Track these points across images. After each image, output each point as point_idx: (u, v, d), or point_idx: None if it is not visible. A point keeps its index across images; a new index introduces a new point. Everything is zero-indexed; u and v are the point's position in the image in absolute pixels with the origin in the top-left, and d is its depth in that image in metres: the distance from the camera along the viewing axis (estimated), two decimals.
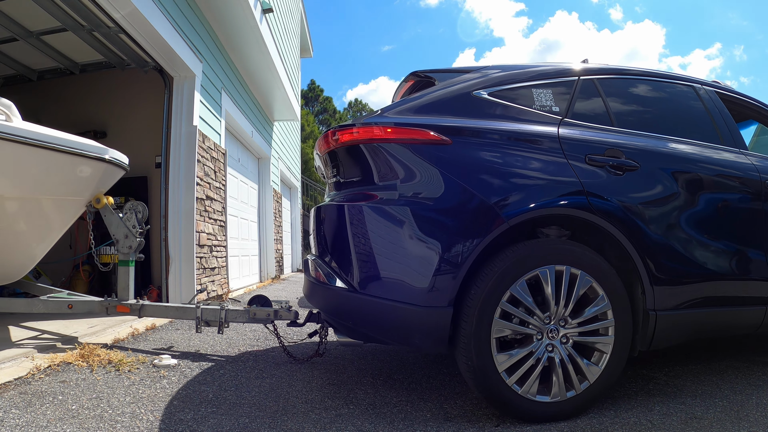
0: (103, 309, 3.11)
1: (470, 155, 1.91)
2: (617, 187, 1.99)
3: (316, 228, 2.26)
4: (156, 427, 1.80)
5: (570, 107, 2.17)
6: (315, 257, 2.29)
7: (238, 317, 2.96)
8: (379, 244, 1.87)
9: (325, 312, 2.19)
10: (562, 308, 1.89)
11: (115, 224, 3.20)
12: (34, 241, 3.20)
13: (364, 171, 2.02)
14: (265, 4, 6.22)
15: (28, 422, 1.77)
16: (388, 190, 1.92)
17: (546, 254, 1.87)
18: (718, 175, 2.24)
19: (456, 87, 2.15)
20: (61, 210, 3.14)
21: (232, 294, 5.79)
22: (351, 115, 32.72)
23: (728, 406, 2.09)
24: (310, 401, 2.15)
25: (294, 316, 2.90)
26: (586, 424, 1.91)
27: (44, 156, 2.73)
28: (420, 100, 2.11)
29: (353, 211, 1.95)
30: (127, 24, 3.82)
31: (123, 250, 3.20)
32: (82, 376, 2.33)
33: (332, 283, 2.00)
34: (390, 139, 1.95)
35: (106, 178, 3.18)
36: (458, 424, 1.92)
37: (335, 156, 2.17)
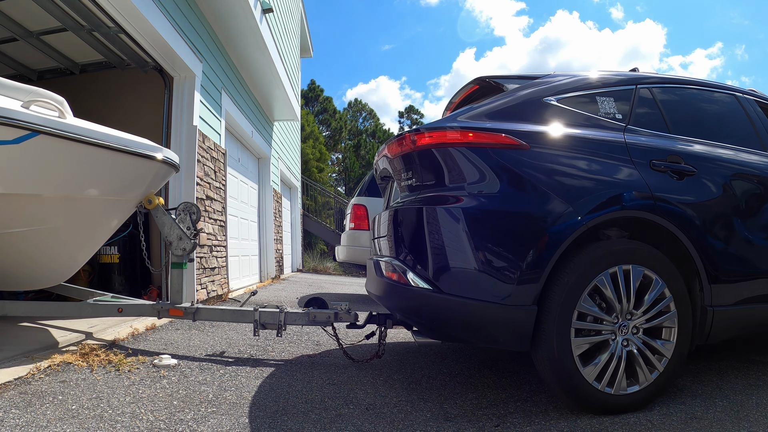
0: (154, 312, 3.05)
1: (548, 160, 2.00)
2: (678, 191, 2.10)
3: (392, 230, 2.26)
4: (156, 427, 1.80)
5: (631, 114, 2.28)
6: (390, 258, 2.27)
7: (298, 320, 2.90)
8: (464, 246, 1.92)
9: (404, 312, 2.21)
10: (631, 305, 1.98)
11: (168, 225, 3.10)
12: (83, 243, 3.11)
13: (443, 174, 2.08)
14: (265, 4, 6.22)
15: (28, 422, 1.77)
16: (471, 193, 1.98)
17: (619, 254, 1.97)
18: (766, 177, 2.36)
19: (527, 93, 2.23)
20: (112, 211, 3.05)
21: (232, 294, 5.79)
22: (351, 115, 32.69)
23: (728, 406, 2.09)
24: (310, 401, 2.15)
25: (354, 318, 2.88)
26: (586, 424, 1.91)
27: (98, 155, 2.63)
28: (491, 106, 2.19)
29: (437, 213, 1.99)
30: (127, 24, 3.81)
31: (176, 252, 3.10)
32: (82, 376, 2.33)
33: (414, 284, 2.02)
34: (471, 143, 2.02)
35: (158, 178, 3.09)
36: (458, 424, 1.92)
37: (411, 159, 2.22)
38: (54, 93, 2.55)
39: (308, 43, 13.15)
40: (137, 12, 3.62)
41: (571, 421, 1.95)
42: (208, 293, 4.93)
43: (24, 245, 2.85)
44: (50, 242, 2.91)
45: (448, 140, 2.05)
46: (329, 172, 26.89)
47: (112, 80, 5.41)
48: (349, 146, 29.52)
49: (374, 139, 31.46)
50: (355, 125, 32.52)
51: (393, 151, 2.34)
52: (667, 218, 2.03)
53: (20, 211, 2.66)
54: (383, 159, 2.58)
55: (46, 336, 3.11)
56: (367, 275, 2.84)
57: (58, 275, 3.30)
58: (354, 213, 5.95)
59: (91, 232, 3.11)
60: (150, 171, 2.96)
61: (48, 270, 3.17)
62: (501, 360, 2.95)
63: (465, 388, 2.40)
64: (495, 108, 2.17)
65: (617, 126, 2.21)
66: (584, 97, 2.26)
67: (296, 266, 12.28)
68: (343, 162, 28.74)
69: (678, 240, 2.06)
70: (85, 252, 3.25)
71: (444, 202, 2.00)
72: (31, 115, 2.40)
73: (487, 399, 2.24)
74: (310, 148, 22.14)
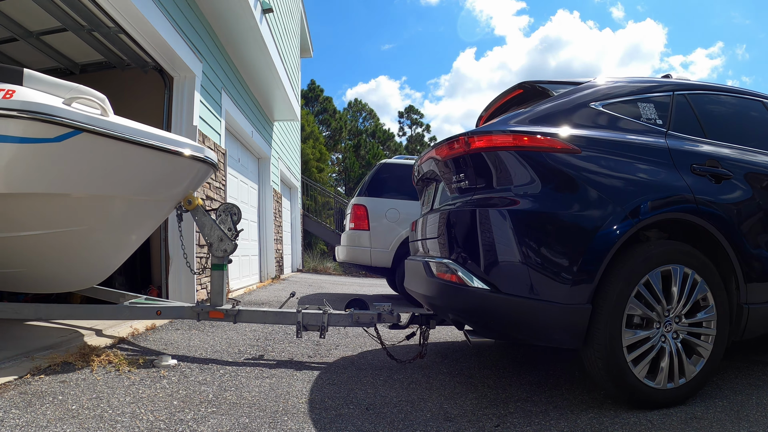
0: (194, 314, 2.99)
1: (599, 163, 2.09)
2: (716, 194, 2.20)
3: (446, 231, 2.30)
4: (156, 427, 1.80)
5: (670, 120, 2.37)
6: (443, 259, 2.29)
7: (341, 321, 2.89)
8: (521, 247, 1.98)
9: (459, 312, 2.25)
10: (675, 303, 2.06)
11: (209, 226, 3.04)
12: (120, 244, 3.04)
13: (497, 177, 2.14)
14: (265, 4, 6.22)
15: (28, 422, 1.77)
16: (526, 196, 2.04)
17: (666, 255, 2.05)
18: None
19: (574, 98, 2.32)
20: (151, 212, 2.99)
21: (232, 294, 5.79)
22: (351, 115, 32.68)
23: (728, 406, 2.09)
24: (310, 401, 2.16)
25: (396, 319, 2.89)
26: (586, 424, 1.91)
27: (141, 154, 2.55)
28: (540, 110, 2.26)
29: (494, 215, 2.05)
30: (127, 24, 3.81)
31: (217, 254, 3.04)
32: (82, 376, 2.33)
33: (471, 284, 2.06)
34: (526, 147, 2.08)
35: (198, 178, 3.02)
36: (458, 424, 1.92)
37: (464, 162, 2.27)
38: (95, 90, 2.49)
39: (308, 43, 13.15)
40: (137, 12, 3.61)
41: (570, 421, 1.95)
42: (208, 293, 4.93)
43: (61, 246, 2.78)
44: (88, 244, 2.84)
45: (503, 144, 2.12)
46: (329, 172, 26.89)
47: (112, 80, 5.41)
48: (349, 146, 29.52)
49: (374, 139, 31.46)
50: (355, 125, 32.52)
51: (443, 153, 2.40)
52: (707, 220, 2.12)
53: (58, 212, 2.59)
54: (429, 161, 2.64)
55: (46, 336, 3.11)
56: (409, 275, 2.87)
57: (93, 277, 3.21)
58: (354, 213, 5.95)
59: (129, 234, 3.03)
60: (192, 171, 2.89)
61: (83, 272, 3.09)
62: (501, 360, 2.95)
63: (465, 388, 2.40)
64: (544, 112, 2.25)
65: (659, 131, 2.31)
66: (627, 103, 2.35)
67: (296, 266, 12.28)
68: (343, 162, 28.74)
69: (716, 240, 2.15)
70: (122, 254, 3.16)
71: (501, 205, 2.06)
72: (73, 112, 2.34)
73: (487, 399, 2.24)
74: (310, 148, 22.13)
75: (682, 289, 2.06)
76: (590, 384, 2.45)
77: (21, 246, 2.71)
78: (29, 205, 2.53)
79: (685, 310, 2.07)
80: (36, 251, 2.78)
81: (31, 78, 2.39)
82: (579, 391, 2.33)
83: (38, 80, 2.41)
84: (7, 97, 2.26)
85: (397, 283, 5.74)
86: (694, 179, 2.17)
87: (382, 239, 5.71)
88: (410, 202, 5.80)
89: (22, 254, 2.79)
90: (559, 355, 3.10)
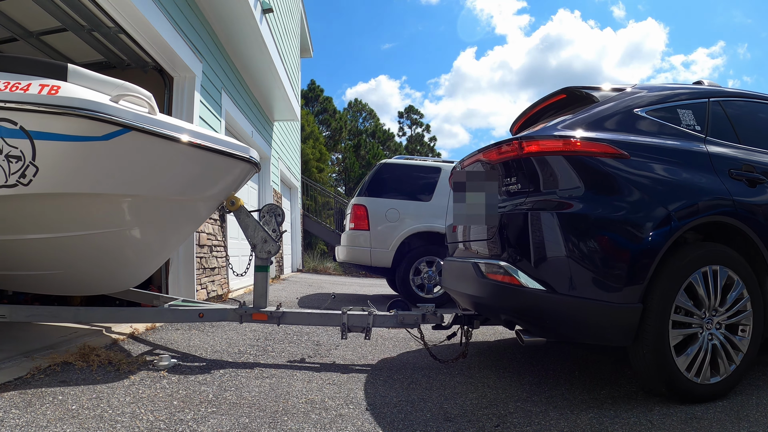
0: (237, 317, 2.92)
1: (646, 168, 2.19)
2: (753, 198, 2.30)
3: (497, 233, 2.36)
4: (156, 427, 1.80)
5: (707, 126, 2.47)
6: (496, 261, 2.33)
7: (386, 322, 2.89)
8: (576, 249, 2.07)
9: (514, 312, 2.30)
10: (715, 301, 2.15)
11: (252, 227, 2.98)
12: (162, 246, 2.97)
13: (551, 180, 2.21)
14: (265, 4, 6.22)
15: (28, 422, 1.77)
16: (580, 199, 2.11)
17: (708, 256, 2.15)
18: None
19: (619, 104, 2.40)
20: (194, 213, 2.92)
21: (232, 294, 5.79)
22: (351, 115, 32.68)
23: (728, 406, 2.09)
24: (310, 401, 2.16)
25: (440, 319, 2.92)
26: (586, 424, 1.91)
27: (188, 154, 2.49)
28: (587, 116, 2.35)
29: (549, 218, 2.11)
30: (127, 24, 3.81)
31: (261, 255, 2.98)
32: (82, 376, 2.33)
33: (526, 285, 2.12)
34: (578, 152, 2.17)
35: (241, 179, 2.93)
36: (458, 424, 1.92)
37: (517, 165, 2.35)
38: (141, 88, 2.44)
39: (308, 43, 13.15)
40: (137, 12, 3.61)
41: (570, 421, 1.95)
42: (208, 293, 4.93)
43: (102, 248, 2.70)
44: (130, 245, 2.77)
45: (556, 148, 2.20)
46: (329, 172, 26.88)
47: None
48: (349, 146, 29.51)
49: (374, 139, 31.46)
50: (355, 125, 32.51)
51: (493, 156, 2.49)
52: (743, 222, 2.23)
53: (102, 213, 2.53)
54: (476, 164, 2.72)
55: (46, 336, 3.11)
56: (450, 275, 2.93)
57: (132, 279, 3.13)
58: (354, 213, 5.95)
59: (171, 236, 2.96)
60: (236, 171, 2.81)
61: (122, 274, 3.00)
62: (501, 360, 2.96)
63: (465, 388, 2.40)
64: (591, 118, 2.34)
65: (698, 137, 2.41)
66: (667, 110, 2.44)
67: (296, 266, 12.28)
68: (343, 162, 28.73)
69: (751, 241, 2.25)
70: (162, 256, 3.09)
71: (556, 208, 2.13)
72: (122, 110, 2.28)
73: (487, 399, 2.24)
74: (310, 148, 22.13)
75: (722, 287, 2.16)
76: (590, 384, 2.45)
77: (61, 247, 2.63)
78: (73, 206, 2.45)
79: (723, 308, 2.16)
80: (76, 253, 2.69)
81: (75, 73, 2.33)
82: (579, 391, 2.33)
83: (82, 76, 2.35)
84: (53, 93, 2.20)
85: (397, 283, 5.74)
86: (732, 183, 2.27)
87: (382, 239, 5.71)
88: (410, 202, 5.80)
89: (61, 256, 2.70)
90: (558, 355, 3.10)
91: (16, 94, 2.21)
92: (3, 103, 2.21)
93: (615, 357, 3.00)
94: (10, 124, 2.22)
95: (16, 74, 2.31)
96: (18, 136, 2.23)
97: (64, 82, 2.28)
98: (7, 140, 2.24)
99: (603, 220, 2.06)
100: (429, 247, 5.67)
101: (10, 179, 2.28)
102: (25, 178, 2.28)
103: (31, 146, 2.24)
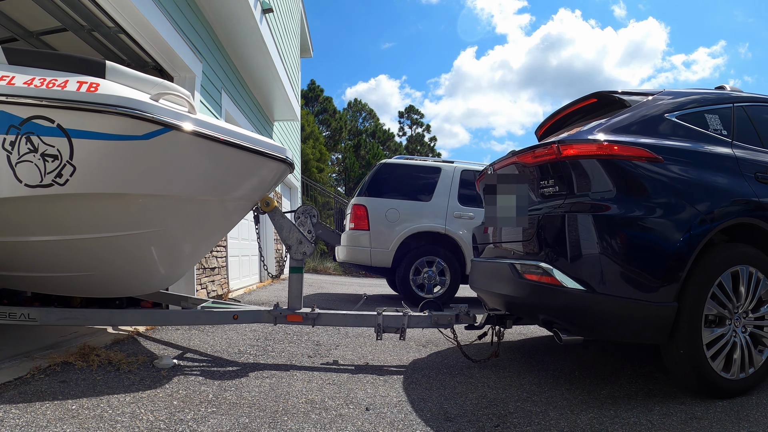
0: (271, 318, 2.88)
1: (679, 172, 2.25)
2: None
3: (535, 234, 2.40)
4: (156, 427, 1.80)
5: (733, 130, 2.54)
6: (535, 261, 2.36)
7: (420, 323, 2.90)
8: (615, 250, 2.12)
9: (554, 312, 2.34)
10: (743, 299, 2.23)
11: (287, 228, 2.96)
12: (196, 246, 2.91)
13: (587, 183, 2.27)
14: (265, 4, 6.22)
15: (28, 422, 1.77)
16: (617, 201, 2.17)
17: (738, 256, 2.23)
18: None
19: (650, 109, 2.47)
20: (230, 214, 2.87)
21: (232, 294, 5.79)
22: (351, 115, 32.67)
23: (728, 406, 2.10)
24: (310, 401, 2.16)
25: (473, 320, 2.94)
26: (586, 424, 1.91)
27: (226, 154, 2.44)
28: (619, 120, 2.42)
29: (587, 220, 2.17)
30: (127, 24, 3.81)
31: (296, 257, 2.93)
32: (82, 376, 2.33)
33: (566, 285, 2.17)
34: (615, 155, 2.23)
35: (278, 179, 2.90)
36: (458, 424, 1.92)
37: (554, 168, 2.40)
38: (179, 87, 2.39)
39: (308, 43, 13.15)
40: (137, 12, 3.61)
41: (570, 421, 1.95)
42: (208, 293, 4.93)
43: (135, 249, 2.65)
44: (164, 246, 2.71)
45: (593, 152, 2.26)
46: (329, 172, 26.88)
47: None
48: (349, 146, 29.52)
49: (374, 139, 31.46)
50: (355, 125, 32.52)
51: (528, 159, 2.55)
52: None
53: (138, 213, 2.47)
54: (509, 167, 2.78)
55: (46, 336, 3.11)
56: (483, 276, 2.98)
57: (164, 281, 3.07)
58: (354, 213, 5.95)
59: (206, 237, 2.91)
60: (273, 171, 2.76)
61: (154, 276, 2.93)
62: (501, 360, 2.96)
63: (465, 388, 2.40)
64: (623, 123, 2.41)
65: (725, 141, 2.48)
66: (696, 115, 2.52)
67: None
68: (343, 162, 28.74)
69: None
70: (195, 257, 3.04)
71: (594, 210, 2.18)
72: (163, 109, 2.23)
73: (487, 399, 2.24)
74: (310, 148, 22.13)
75: (749, 286, 2.24)
76: (590, 384, 2.46)
77: (94, 249, 2.57)
78: (109, 207, 2.39)
79: (751, 306, 2.24)
80: (109, 254, 2.63)
81: (113, 70, 2.29)
82: (579, 391, 2.33)
83: (121, 73, 2.31)
84: (92, 90, 2.15)
85: (397, 283, 5.74)
86: (758, 186, 2.34)
87: (382, 239, 5.71)
88: (410, 202, 5.80)
89: (94, 257, 2.64)
90: (558, 355, 3.10)
91: (53, 91, 2.15)
92: (39, 100, 2.15)
93: (615, 357, 3.00)
94: (46, 122, 2.16)
95: (51, 71, 2.25)
96: (55, 134, 2.16)
97: (102, 79, 2.23)
98: (44, 138, 2.17)
99: (640, 222, 2.13)
100: (429, 247, 5.67)
101: (46, 179, 2.21)
102: (62, 178, 2.22)
103: (69, 145, 2.17)
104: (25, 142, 2.18)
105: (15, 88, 2.17)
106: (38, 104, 2.15)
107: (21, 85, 2.17)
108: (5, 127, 2.18)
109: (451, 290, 5.60)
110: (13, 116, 2.17)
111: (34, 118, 2.16)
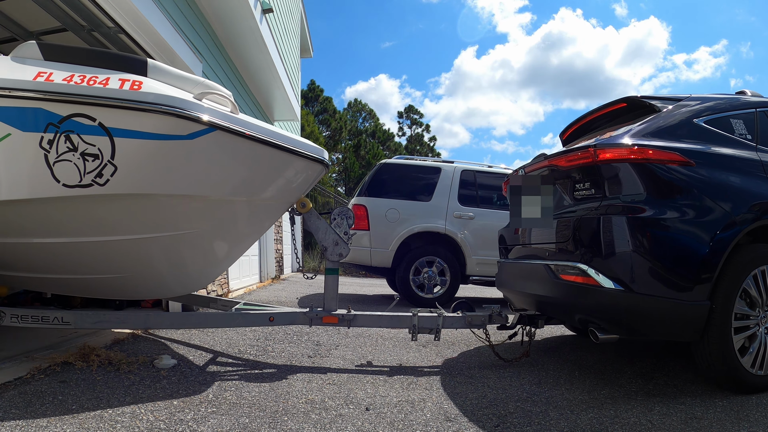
0: (307, 320, 2.86)
1: (710, 175, 2.32)
2: None
3: (571, 236, 2.46)
4: (156, 427, 1.80)
5: (757, 135, 2.62)
6: (571, 262, 2.40)
7: (455, 323, 2.92)
8: (652, 251, 2.19)
9: (591, 311, 2.38)
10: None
11: (323, 230, 2.96)
12: (232, 248, 2.88)
13: (623, 185, 2.32)
14: (265, 4, 6.22)
15: (28, 422, 1.77)
16: (652, 203, 2.23)
17: (762, 256, 2.30)
18: None
19: (678, 114, 2.54)
20: (267, 215, 2.84)
21: (232, 294, 5.79)
22: (351, 115, 32.67)
23: (728, 406, 2.10)
24: (310, 401, 2.16)
25: (505, 320, 2.98)
26: (586, 424, 1.91)
27: (268, 155, 2.41)
28: (649, 125, 2.48)
29: (622, 222, 2.22)
30: (127, 24, 3.81)
31: (332, 258, 2.93)
32: (82, 376, 2.33)
33: (603, 285, 2.22)
34: (650, 159, 2.29)
35: (314, 180, 2.86)
36: (458, 424, 1.93)
37: (590, 171, 2.46)
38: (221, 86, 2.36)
39: (308, 43, 13.15)
40: (137, 12, 3.62)
41: (570, 421, 1.95)
42: (208, 293, 4.93)
43: (171, 251, 2.60)
44: (200, 248, 2.66)
45: (628, 156, 2.32)
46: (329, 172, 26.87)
47: None
48: (349, 146, 29.51)
49: (374, 139, 31.46)
50: (355, 125, 32.51)
51: (562, 162, 2.62)
52: None
53: (178, 214, 2.42)
54: (542, 170, 2.82)
55: (46, 336, 3.11)
56: (515, 276, 3.02)
57: (197, 283, 3.01)
58: (354, 213, 5.95)
59: (242, 239, 2.89)
60: (311, 172, 2.72)
61: (189, 278, 2.87)
62: (501, 360, 2.96)
63: (465, 388, 2.40)
64: (654, 127, 2.47)
65: (750, 145, 2.55)
66: (723, 120, 2.59)
67: (296, 266, 12.26)
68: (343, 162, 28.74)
69: None
70: (230, 259, 3.01)
71: (631, 212, 2.24)
72: (207, 108, 2.20)
73: (487, 399, 2.24)
74: None
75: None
76: (590, 384, 2.46)
77: (131, 250, 2.51)
78: (149, 207, 2.34)
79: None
80: (144, 255, 2.58)
81: (155, 69, 2.25)
82: (579, 391, 2.34)
83: (163, 72, 2.27)
84: (135, 88, 2.10)
85: (397, 283, 5.74)
86: None
87: (382, 239, 5.71)
88: (410, 203, 5.80)
89: (129, 259, 2.59)
90: (558, 355, 3.10)
91: (94, 89, 2.08)
92: (80, 97, 2.07)
93: (615, 357, 3.00)
94: (87, 120, 2.08)
95: (90, 68, 2.19)
96: (96, 132, 2.09)
97: (144, 77, 2.19)
98: (84, 137, 2.10)
99: (674, 223, 2.20)
100: (429, 247, 5.67)
101: (85, 179, 2.14)
102: (102, 178, 2.14)
103: (111, 144, 2.10)
104: (64, 140, 2.10)
105: (53, 85, 2.08)
106: (79, 102, 2.08)
107: (60, 82, 2.09)
108: (43, 126, 2.10)
109: (451, 290, 5.60)
110: (52, 114, 2.09)
111: (74, 116, 2.09)
